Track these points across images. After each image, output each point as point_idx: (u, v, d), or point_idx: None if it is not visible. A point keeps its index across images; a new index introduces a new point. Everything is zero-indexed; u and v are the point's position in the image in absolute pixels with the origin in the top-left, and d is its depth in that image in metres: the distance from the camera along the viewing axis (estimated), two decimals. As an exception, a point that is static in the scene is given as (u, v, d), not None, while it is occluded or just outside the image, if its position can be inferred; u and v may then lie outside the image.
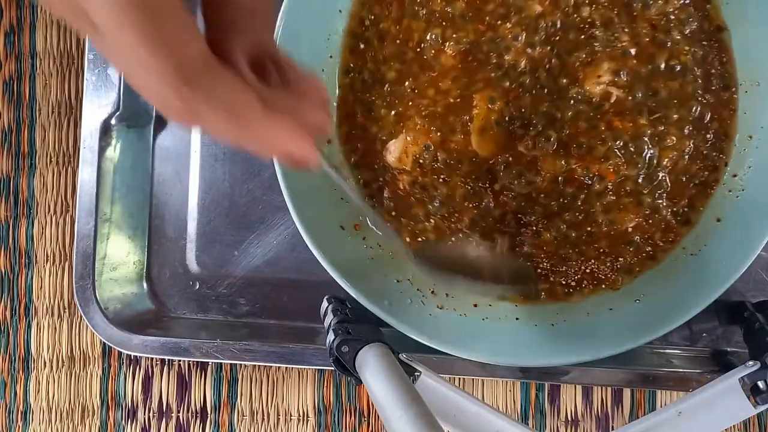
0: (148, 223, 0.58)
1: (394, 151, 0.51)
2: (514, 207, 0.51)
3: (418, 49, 0.51)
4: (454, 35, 0.51)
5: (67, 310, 0.60)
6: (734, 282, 0.47)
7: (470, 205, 0.51)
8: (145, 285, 0.58)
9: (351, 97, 0.52)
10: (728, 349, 0.54)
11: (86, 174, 0.54)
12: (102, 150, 0.54)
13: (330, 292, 0.52)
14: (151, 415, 0.60)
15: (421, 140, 0.51)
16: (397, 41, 0.52)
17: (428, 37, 0.51)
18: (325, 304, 0.51)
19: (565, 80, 0.50)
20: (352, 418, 0.59)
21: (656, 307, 0.49)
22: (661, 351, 0.54)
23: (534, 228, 0.51)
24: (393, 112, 0.52)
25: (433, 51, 0.51)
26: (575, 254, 0.50)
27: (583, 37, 0.49)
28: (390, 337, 0.47)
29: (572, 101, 0.49)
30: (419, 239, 0.52)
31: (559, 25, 0.50)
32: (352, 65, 0.52)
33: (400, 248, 0.50)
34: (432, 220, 0.51)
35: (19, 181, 0.60)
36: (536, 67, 0.50)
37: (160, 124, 0.58)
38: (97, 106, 0.54)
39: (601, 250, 0.50)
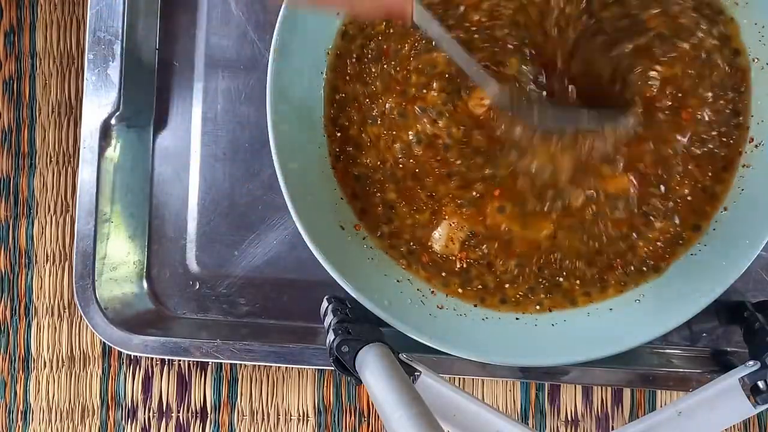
0: (148, 223, 0.58)
1: (439, 239, 0.51)
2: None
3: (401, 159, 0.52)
4: (410, 134, 0.51)
5: (67, 310, 0.60)
6: (734, 282, 0.47)
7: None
8: (145, 285, 0.58)
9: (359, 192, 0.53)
10: (728, 349, 0.54)
11: (86, 174, 0.54)
12: (102, 150, 0.54)
13: (330, 292, 0.52)
14: (151, 415, 0.60)
15: (466, 225, 0.51)
16: (379, 160, 0.52)
17: (397, 147, 0.51)
18: (325, 304, 0.51)
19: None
20: (352, 418, 0.59)
21: (656, 307, 0.49)
22: (661, 351, 0.54)
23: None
24: (424, 210, 0.52)
25: (411, 160, 0.51)
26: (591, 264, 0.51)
27: None
28: (390, 337, 0.47)
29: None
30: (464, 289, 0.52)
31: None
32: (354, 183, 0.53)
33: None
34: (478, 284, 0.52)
35: (19, 181, 0.60)
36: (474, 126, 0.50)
37: (160, 124, 0.58)
38: (97, 106, 0.54)
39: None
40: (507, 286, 0.51)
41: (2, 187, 0.60)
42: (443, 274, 0.52)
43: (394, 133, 0.51)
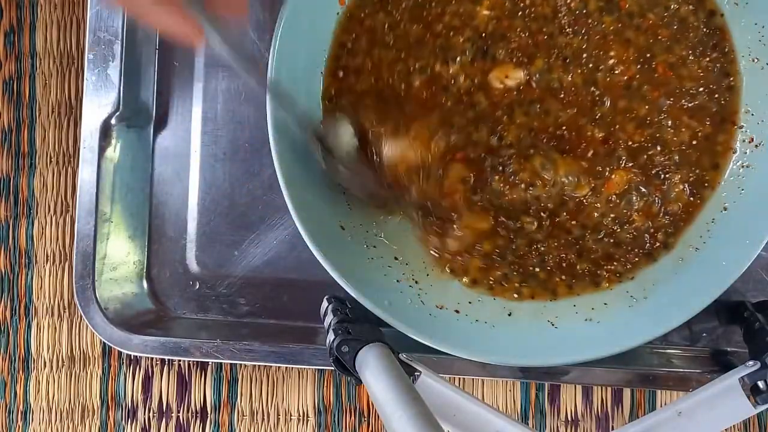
0: (148, 223, 0.58)
1: (392, 148, 0.50)
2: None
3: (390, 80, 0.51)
4: (417, 64, 0.51)
5: (67, 310, 0.60)
6: (734, 282, 0.47)
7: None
8: (145, 285, 0.58)
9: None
10: (728, 349, 0.54)
11: (86, 174, 0.54)
12: (102, 150, 0.54)
13: (330, 292, 0.52)
14: (151, 415, 0.60)
15: (423, 152, 0.50)
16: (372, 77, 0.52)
17: (397, 69, 0.51)
18: (325, 304, 0.51)
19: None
20: (352, 418, 0.59)
21: (656, 307, 0.49)
22: (661, 351, 0.54)
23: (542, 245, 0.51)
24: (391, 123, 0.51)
25: (403, 84, 0.51)
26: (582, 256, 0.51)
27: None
28: (390, 337, 0.47)
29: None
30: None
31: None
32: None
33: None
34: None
35: (19, 181, 0.60)
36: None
37: (160, 124, 0.58)
38: (97, 106, 0.54)
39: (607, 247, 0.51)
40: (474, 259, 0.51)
41: (2, 187, 0.60)
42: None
43: (402, 55, 0.51)
